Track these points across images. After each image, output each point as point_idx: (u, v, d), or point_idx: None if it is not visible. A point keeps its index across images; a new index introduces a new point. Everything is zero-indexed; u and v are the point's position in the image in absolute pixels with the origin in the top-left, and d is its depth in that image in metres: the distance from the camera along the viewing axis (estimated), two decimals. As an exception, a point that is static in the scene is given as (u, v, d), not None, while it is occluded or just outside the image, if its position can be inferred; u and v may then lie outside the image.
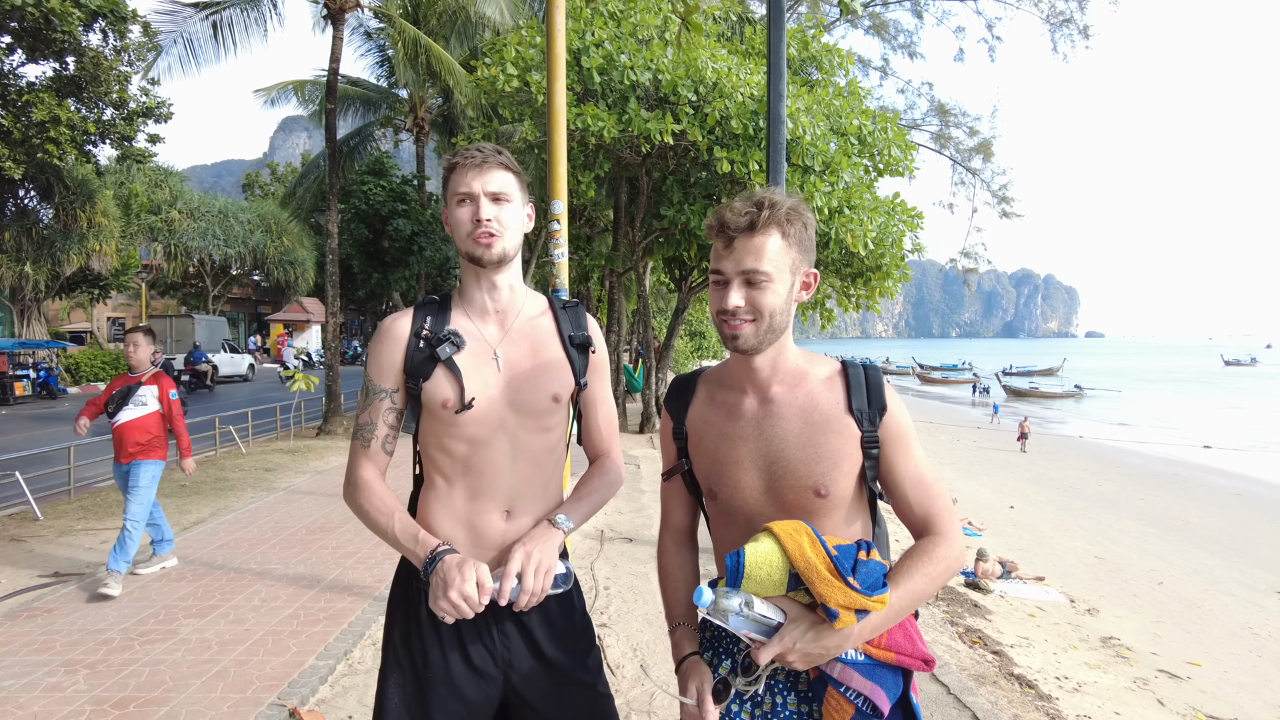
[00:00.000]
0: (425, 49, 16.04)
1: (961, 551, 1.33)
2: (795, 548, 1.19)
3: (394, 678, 1.51)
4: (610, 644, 4.15)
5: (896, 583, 1.24)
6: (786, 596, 1.22)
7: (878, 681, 1.26)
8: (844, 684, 1.25)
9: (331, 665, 3.78)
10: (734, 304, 1.29)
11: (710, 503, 1.45)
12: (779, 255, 1.29)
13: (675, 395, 1.53)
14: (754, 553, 1.20)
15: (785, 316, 1.32)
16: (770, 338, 1.32)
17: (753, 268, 1.28)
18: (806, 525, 1.24)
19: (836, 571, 1.18)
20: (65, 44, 13.36)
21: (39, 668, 3.73)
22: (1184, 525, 12.84)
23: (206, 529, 6.57)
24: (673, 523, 1.57)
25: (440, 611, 1.34)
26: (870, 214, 10.93)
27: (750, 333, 1.30)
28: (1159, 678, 5.68)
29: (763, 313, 1.29)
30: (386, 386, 1.54)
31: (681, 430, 1.48)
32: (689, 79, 10.43)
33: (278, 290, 39.68)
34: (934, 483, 1.35)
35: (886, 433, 1.33)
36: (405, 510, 1.51)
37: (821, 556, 1.19)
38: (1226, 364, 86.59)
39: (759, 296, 1.29)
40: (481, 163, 1.50)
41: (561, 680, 1.54)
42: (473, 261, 1.53)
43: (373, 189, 27.63)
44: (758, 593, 1.21)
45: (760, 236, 1.28)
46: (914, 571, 1.26)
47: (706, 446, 1.42)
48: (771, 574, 1.19)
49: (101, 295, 27.40)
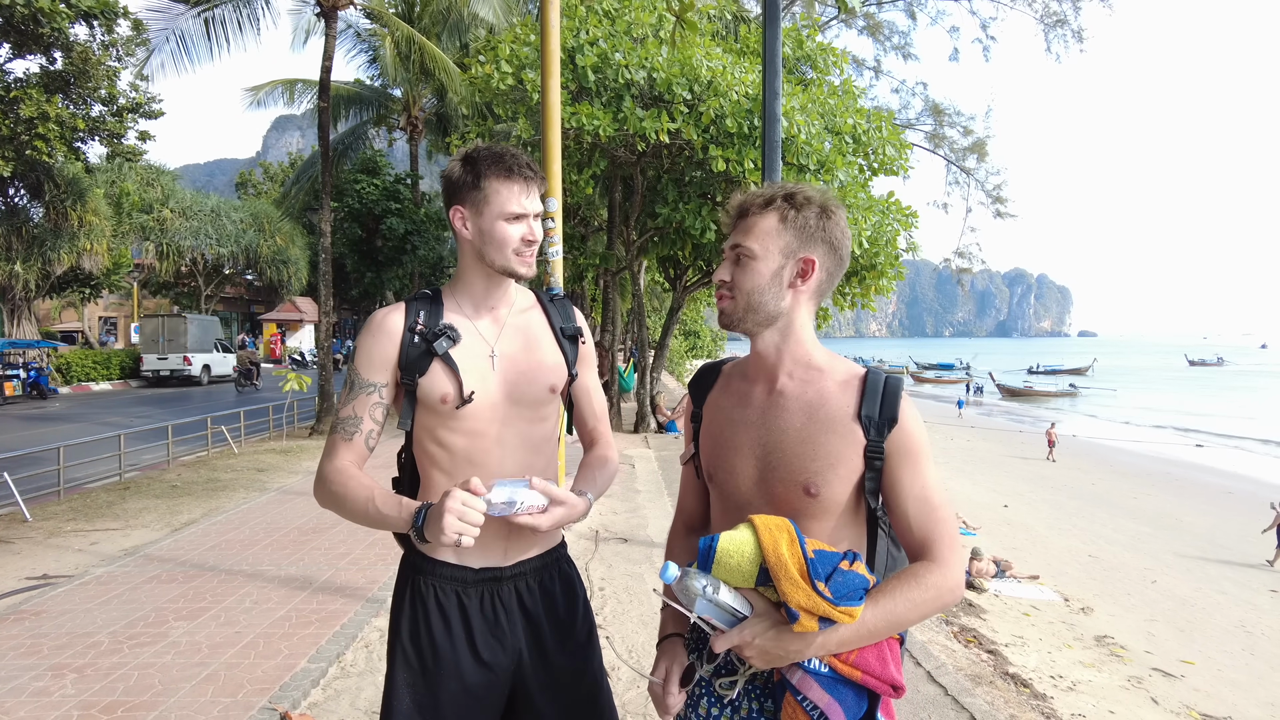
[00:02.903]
0: (418, 47, 15.97)
1: (958, 584, 1.25)
2: (770, 541, 1.16)
3: (402, 676, 1.49)
4: (605, 645, 4.13)
5: (875, 600, 1.18)
6: (756, 590, 1.19)
7: (836, 697, 1.20)
8: (801, 693, 1.21)
9: (324, 668, 3.74)
10: (720, 277, 1.34)
11: (711, 487, 1.45)
12: (769, 236, 1.30)
13: (699, 380, 1.54)
14: (728, 539, 1.18)
15: (768, 299, 1.31)
16: (751, 317, 1.33)
17: (737, 242, 1.32)
18: (791, 524, 1.21)
19: (806, 574, 1.14)
20: (53, 39, 13.25)
21: (26, 672, 3.68)
22: (1177, 524, 12.89)
23: (198, 530, 6.51)
24: (685, 507, 1.58)
25: (449, 535, 1.27)
26: (865, 213, 10.94)
27: (730, 308, 1.34)
28: (1153, 676, 5.69)
29: (740, 290, 1.32)
30: (377, 381, 1.51)
31: (699, 414, 1.49)
32: (684, 77, 10.42)
33: (271, 290, 39.49)
34: (939, 507, 1.28)
35: (894, 446, 1.27)
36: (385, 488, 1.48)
37: (795, 556, 1.15)
38: (1191, 364, 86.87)
39: (740, 274, 1.32)
40: (537, 180, 1.52)
41: (564, 669, 1.55)
42: (508, 275, 1.55)
43: (366, 188, 27.50)
44: (726, 580, 1.18)
45: (756, 216, 1.31)
46: (896, 593, 1.19)
47: (714, 430, 1.42)
48: (741, 563, 1.16)
49: (93, 295, 27.22)
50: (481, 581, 1.52)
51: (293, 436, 12.94)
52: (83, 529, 6.73)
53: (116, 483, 8.87)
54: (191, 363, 24.09)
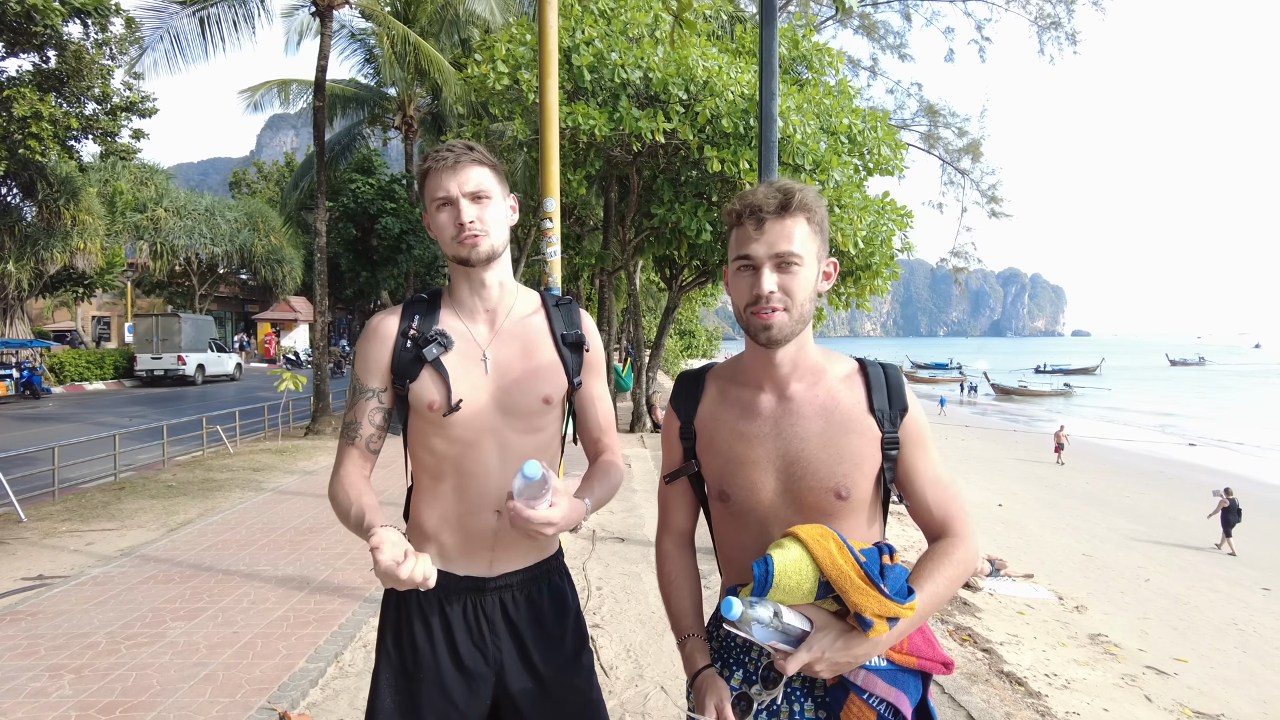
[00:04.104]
0: (414, 47, 15.94)
1: (976, 553, 1.32)
2: (825, 554, 1.16)
3: (386, 676, 1.50)
4: (603, 645, 4.14)
5: (920, 587, 1.21)
6: (813, 604, 1.19)
7: (901, 687, 1.24)
8: (867, 690, 1.23)
9: (322, 668, 3.74)
10: (769, 288, 1.23)
11: (719, 505, 1.40)
12: (808, 240, 1.26)
13: (683, 393, 1.46)
14: (782, 560, 1.15)
15: (811, 306, 1.29)
16: (799, 328, 1.27)
17: (786, 250, 1.23)
18: (831, 529, 1.21)
19: (869, 579, 1.15)
20: (46, 37, 13.19)
21: (23, 673, 3.67)
22: (1170, 522, 12.96)
23: (194, 530, 6.50)
24: (675, 526, 1.52)
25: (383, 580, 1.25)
26: (860, 213, 10.96)
27: (784, 321, 1.25)
28: (1146, 674, 5.72)
29: (794, 298, 1.25)
30: (373, 386, 1.52)
31: (690, 430, 1.42)
32: (680, 77, 10.42)
33: (265, 289, 39.33)
34: (950, 484, 1.34)
35: (906, 434, 1.31)
36: (372, 499, 1.45)
37: (851, 563, 1.16)
38: (1172, 364, 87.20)
39: (791, 281, 1.24)
40: (455, 163, 1.45)
41: (551, 683, 1.53)
42: (461, 263, 1.49)
43: (361, 187, 27.45)
44: (785, 601, 1.16)
45: (790, 220, 1.25)
46: (936, 575, 1.24)
47: (719, 446, 1.37)
48: (801, 583, 1.15)
49: (86, 294, 27.11)
50: (465, 590, 1.51)
51: (288, 436, 12.92)
52: (78, 529, 6.71)
53: (112, 483, 8.84)
54: (186, 362, 24.00)
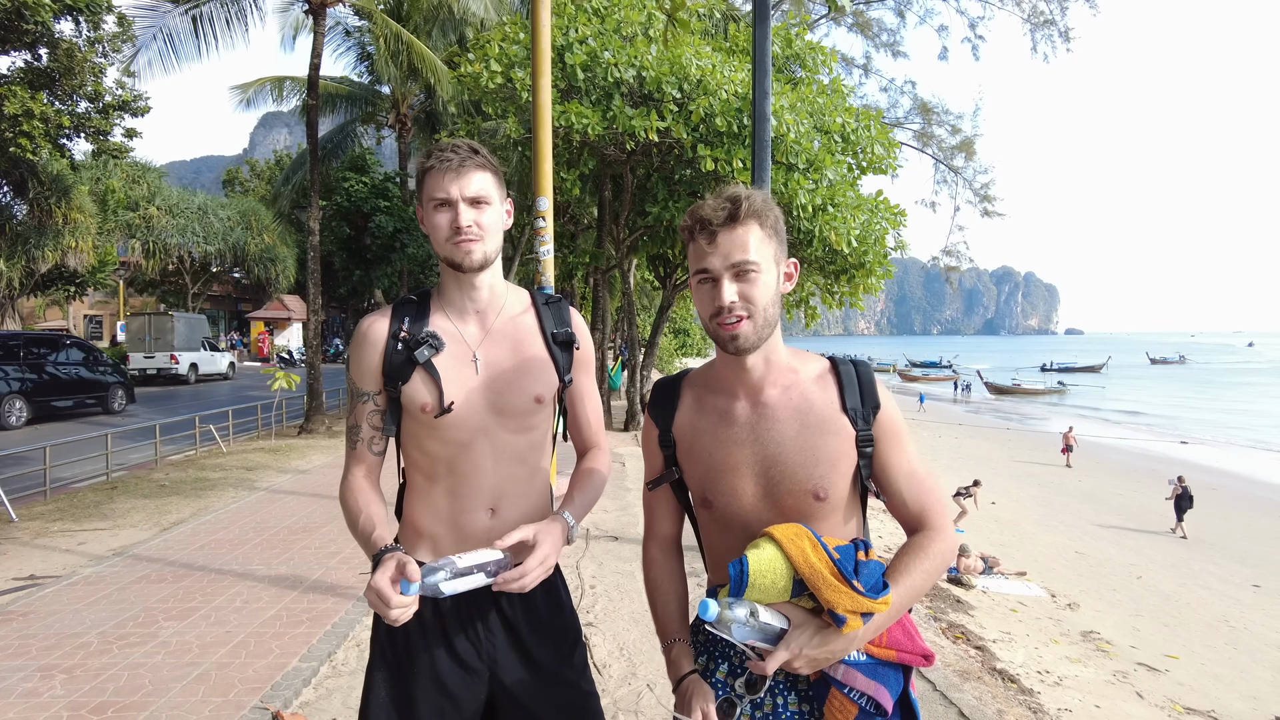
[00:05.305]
0: (407, 45, 15.90)
1: (954, 544, 1.34)
2: (798, 553, 1.18)
3: (380, 672, 1.51)
4: (596, 643, 4.15)
5: (896, 581, 1.23)
6: (789, 602, 1.21)
7: (880, 680, 1.26)
8: (847, 685, 1.25)
9: (315, 667, 3.74)
10: (729, 299, 1.25)
11: (703, 511, 1.42)
12: (762, 245, 1.27)
13: (660, 401, 1.47)
14: (757, 560, 1.18)
15: (776, 309, 1.30)
16: (766, 333, 1.29)
17: (741, 259, 1.25)
18: (806, 529, 1.23)
19: (841, 576, 1.17)
20: (37, 34, 13.09)
21: (14, 673, 3.66)
22: (1162, 520, 13.03)
23: (187, 529, 6.48)
24: (660, 532, 1.53)
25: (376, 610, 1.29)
26: (853, 211, 10.99)
27: (749, 329, 1.27)
28: (1138, 671, 5.76)
29: (757, 304, 1.26)
30: (368, 389, 1.52)
31: (669, 438, 1.44)
32: (673, 76, 10.42)
33: (258, 287, 39.17)
34: (926, 476, 1.35)
35: (880, 430, 1.33)
36: (380, 509, 1.48)
37: (825, 561, 1.18)
38: (1153, 362, 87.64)
39: (751, 289, 1.26)
40: (459, 165, 1.44)
41: (546, 677, 1.53)
42: (453, 267, 1.49)
43: (354, 185, 27.37)
44: (761, 600, 1.19)
45: (742, 228, 1.26)
46: (912, 569, 1.26)
47: (699, 453, 1.38)
48: (775, 581, 1.18)
49: (78, 292, 26.91)
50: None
51: (281, 435, 12.88)
52: (70, 529, 6.68)
53: (104, 482, 8.80)
54: (178, 361, 23.89)
